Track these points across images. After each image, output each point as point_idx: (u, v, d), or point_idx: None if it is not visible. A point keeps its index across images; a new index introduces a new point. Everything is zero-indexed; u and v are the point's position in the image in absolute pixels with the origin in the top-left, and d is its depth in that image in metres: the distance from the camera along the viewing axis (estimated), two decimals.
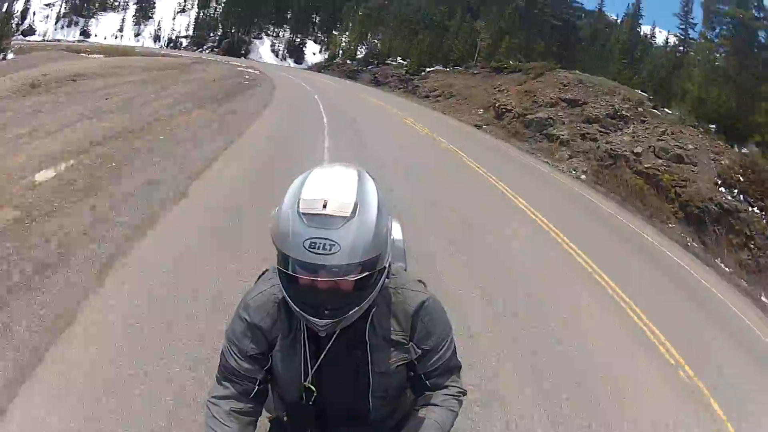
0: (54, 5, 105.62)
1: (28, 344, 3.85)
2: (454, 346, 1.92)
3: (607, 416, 4.84)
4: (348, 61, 61.31)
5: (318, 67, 65.27)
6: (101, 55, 35.60)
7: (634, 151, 17.65)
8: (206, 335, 4.21)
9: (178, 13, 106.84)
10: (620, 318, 7.26)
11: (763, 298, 12.26)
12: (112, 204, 6.66)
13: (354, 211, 1.49)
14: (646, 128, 19.20)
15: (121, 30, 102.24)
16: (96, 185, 7.17)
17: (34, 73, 19.21)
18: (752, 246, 13.72)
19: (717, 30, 23.94)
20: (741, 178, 15.27)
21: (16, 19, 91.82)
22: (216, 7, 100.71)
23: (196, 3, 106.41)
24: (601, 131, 20.20)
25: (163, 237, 6.12)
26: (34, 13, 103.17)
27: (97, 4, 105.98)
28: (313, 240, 1.46)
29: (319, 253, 1.46)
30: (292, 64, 78.32)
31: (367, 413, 1.86)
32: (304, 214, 1.48)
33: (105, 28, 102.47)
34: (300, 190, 1.55)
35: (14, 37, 64.38)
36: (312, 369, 1.77)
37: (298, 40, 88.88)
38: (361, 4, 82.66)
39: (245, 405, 1.79)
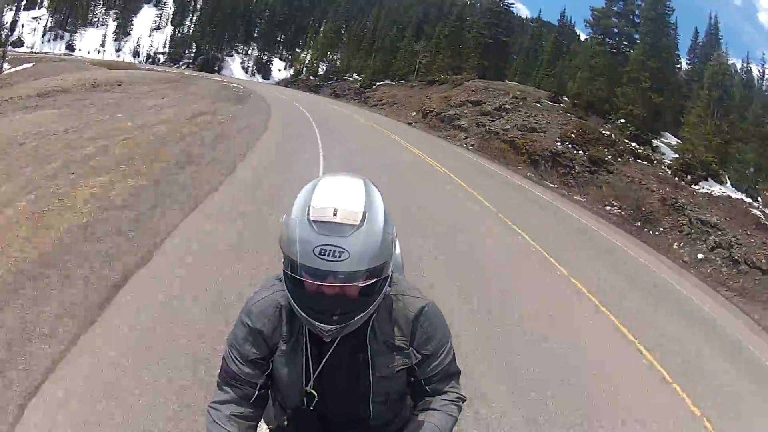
0: (41, 19, 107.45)
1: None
2: (453, 352, 1.93)
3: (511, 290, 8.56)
4: (311, 77, 67.01)
5: (285, 83, 70.32)
6: (105, 68, 40.76)
7: (504, 128, 24.67)
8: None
9: (153, 30, 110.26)
10: (484, 209, 13.21)
11: (576, 197, 19.57)
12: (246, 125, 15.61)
13: (363, 220, 1.52)
14: (519, 115, 26.10)
15: (102, 45, 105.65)
16: (228, 121, 15.77)
17: (82, 77, 25.00)
18: (573, 172, 20.95)
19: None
20: (573, 136, 22.44)
21: (5, 30, 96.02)
22: (189, 26, 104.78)
23: (170, 21, 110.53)
24: (489, 120, 27.02)
25: (271, 134, 15.44)
26: (22, 26, 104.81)
27: (79, 20, 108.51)
28: (323, 247, 1.48)
29: (328, 260, 1.49)
30: (260, 80, 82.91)
31: (367, 419, 1.87)
32: (314, 221, 1.51)
33: (88, 42, 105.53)
34: (309, 199, 1.56)
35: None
36: (314, 374, 1.77)
37: (265, 57, 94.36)
38: (322, 25, 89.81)
39: (245, 409, 1.79)
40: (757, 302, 12.59)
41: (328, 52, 75.47)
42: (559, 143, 22.19)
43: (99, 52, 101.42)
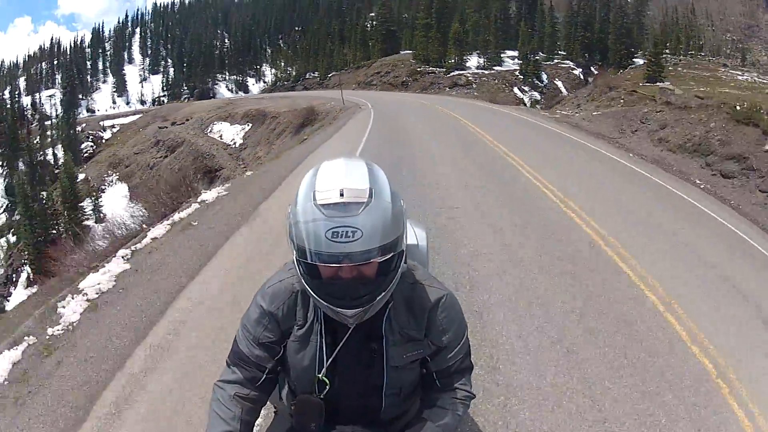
0: (54, 96, 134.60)
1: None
2: (468, 347, 1.96)
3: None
4: (285, 83, 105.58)
5: (269, 90, 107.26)
6: (196, 103, 79.67)
7: (387, 78, 65.76)
8: None
9: (142, 81, 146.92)
10: (391, 95, 53.91)
11: (410, 92, 60.10)
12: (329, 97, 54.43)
13: (370, 196, 1.53)
14: (393, 72, 66.80)
15: (114, 102, 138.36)
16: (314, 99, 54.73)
17: (208, 105, 64.24)
18: (407, 85, 61.62)
19: None
20: (409, 74, 63.39)
21: (29, 109, 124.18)
22: (170, 71, 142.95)
23: (150, 71, 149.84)
24: (382, 77, 67.64)
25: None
26: (42, 104, 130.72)
27: (84, 90, 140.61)
28: (334, 229, 1.49)
29: (341, 242, 1.49)
30: (242, 95, 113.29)
31: (378, 411, 1.89)
32: (322, 205, 1.52)
33: (100, 104, 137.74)
34: (313, 184, 1.58)
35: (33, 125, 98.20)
36: (327, 361, 1.80)
37: (240, 78, 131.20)
38: (271, 46, 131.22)
39: (250, 392, 1.82)
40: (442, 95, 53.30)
41: (286, 66, 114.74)
42: (403, 78, 63.09)
43: (113, 108, 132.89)
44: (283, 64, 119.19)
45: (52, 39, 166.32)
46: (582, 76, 62.84)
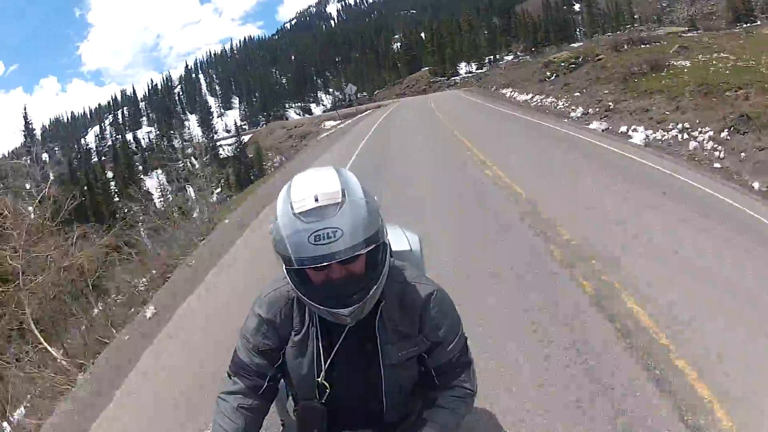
0: (149, 133, 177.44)
1: None
2: (465, 342, 2.06)
3: None
4: (343, 103, 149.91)
5: (330, 110, 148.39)
6: (325, 119, 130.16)
7: (413, 88, 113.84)
8: None
9: (220, 116, 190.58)
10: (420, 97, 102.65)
11: (431, 92, 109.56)
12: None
13: (344, 196, 1.64)
14: (416, 84, 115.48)
15: (203, 133, 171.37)
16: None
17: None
18: (425, 90, 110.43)
19: None
20: (425, 83, 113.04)
21: (132, 143, 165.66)
22: (243, 104, 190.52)
23: (221, 107, 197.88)
24: (410, 88, 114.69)
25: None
26: (136, 141, 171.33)
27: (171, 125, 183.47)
28: (316, 233, 1.60)
29: (325, 243, 1.60)
30: (307, 116, 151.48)
31: (381, 413, 2.00)
32: (300, 213, 1.62)
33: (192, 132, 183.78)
34: (288, 196, 1.69)
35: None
36: (325, 364, 1.90)
37: (303, 104, 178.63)
38: (320, 77, 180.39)
39: (253, 401, 1.94)
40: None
41: (341, 91, 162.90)
42: (423, 87, 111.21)
43: (203, 135, 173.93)
44: (335, 91, 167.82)
45: (129, 90, 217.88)
46: None
